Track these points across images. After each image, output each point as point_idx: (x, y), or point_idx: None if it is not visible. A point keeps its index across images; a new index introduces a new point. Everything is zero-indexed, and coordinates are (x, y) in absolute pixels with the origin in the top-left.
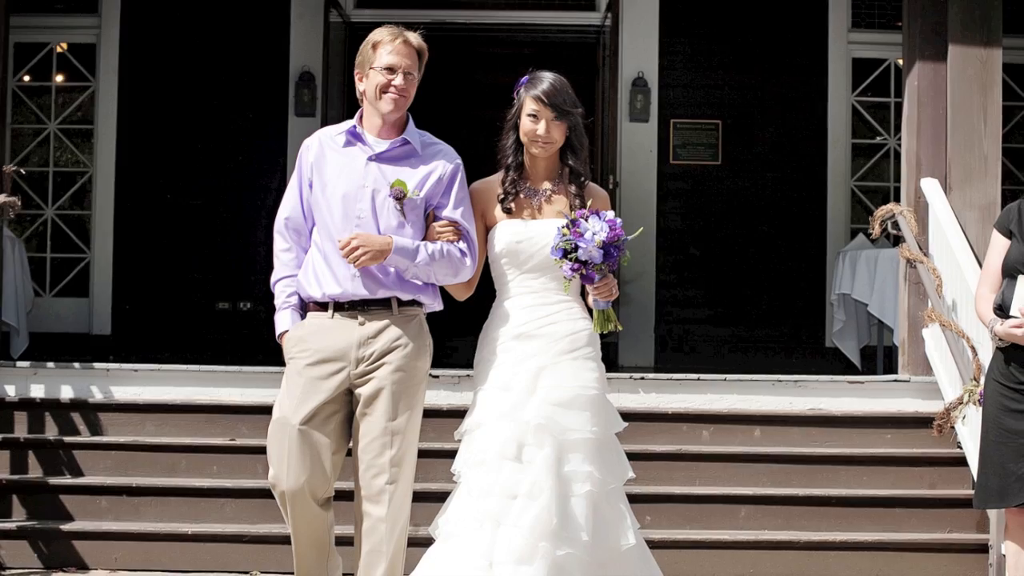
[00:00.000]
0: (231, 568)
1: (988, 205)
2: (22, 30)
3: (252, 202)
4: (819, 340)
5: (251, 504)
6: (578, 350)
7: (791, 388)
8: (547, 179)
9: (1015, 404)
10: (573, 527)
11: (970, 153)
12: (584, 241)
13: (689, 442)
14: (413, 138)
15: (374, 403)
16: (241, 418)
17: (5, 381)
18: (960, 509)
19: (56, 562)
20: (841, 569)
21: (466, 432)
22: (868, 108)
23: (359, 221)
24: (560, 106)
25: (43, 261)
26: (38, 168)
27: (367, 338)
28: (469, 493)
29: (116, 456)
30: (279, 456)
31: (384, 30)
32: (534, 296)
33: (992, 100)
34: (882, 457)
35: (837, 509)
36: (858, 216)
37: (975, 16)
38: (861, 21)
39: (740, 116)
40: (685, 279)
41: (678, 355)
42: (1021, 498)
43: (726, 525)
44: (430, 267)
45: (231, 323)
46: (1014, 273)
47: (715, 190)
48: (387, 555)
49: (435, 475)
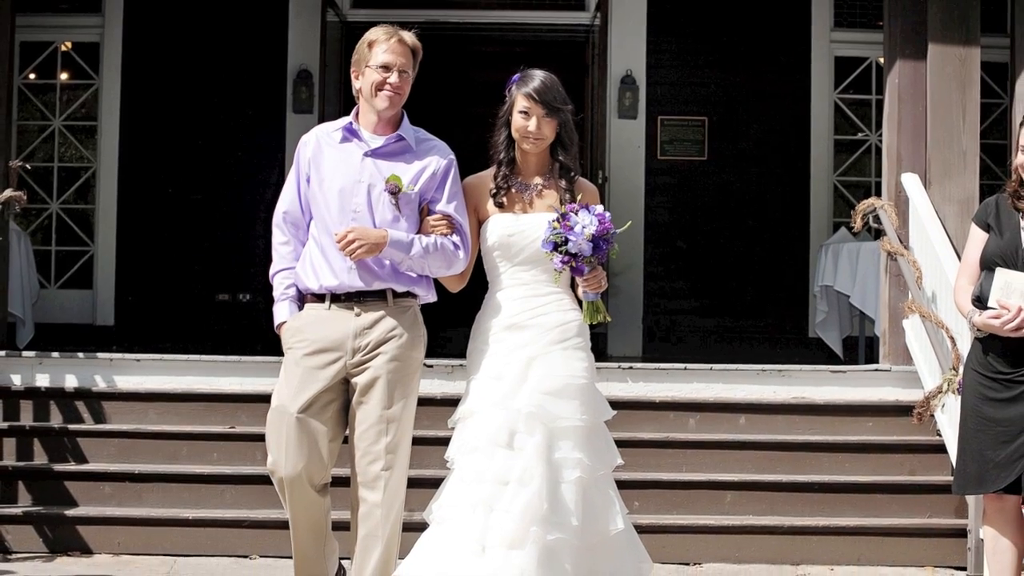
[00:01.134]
0: (231, 552)
1: (967, 199)
2: (28, 29)
3: (251, 196)
4: (802, 331)
5: (250, 490)
6: (568, 340)
7: (775, 377)
8: (538, 174)
9: (993, 393)
10: (563, 512)
11: (949, 149)
12: (574, 234)
13: (676, 430)
14: (408, 134)
15: (370, 392)
16: (240, 406)
17: (11, 370)
18: (939, 495)
19: (61, 546)
20: (823, 553)
21: (459, 420)
22: (850, 105)
23: (355, 215)
24: (551, 103)
25: (48, 254)
26: (43, 163)
27: (363, 329)
28: (462, 479)
29: (119, 443)
30: (277, 443)
31: (380, 29)
32: (525, 288)
33: (970, 97)
34: (863, 444)
35: (820, 495)
36: (840, 210)
37: (954, 16)
38: (843, 21)
39: (725, 113)
40: (672, 271)
41: (665, 345)
42: (999, 484)
43: (712, 510)
44: (424, 260)
45: (231, 314)
46: (992, 265)
47: (701, 185)
48: (383, 539)
49: (429, 462)
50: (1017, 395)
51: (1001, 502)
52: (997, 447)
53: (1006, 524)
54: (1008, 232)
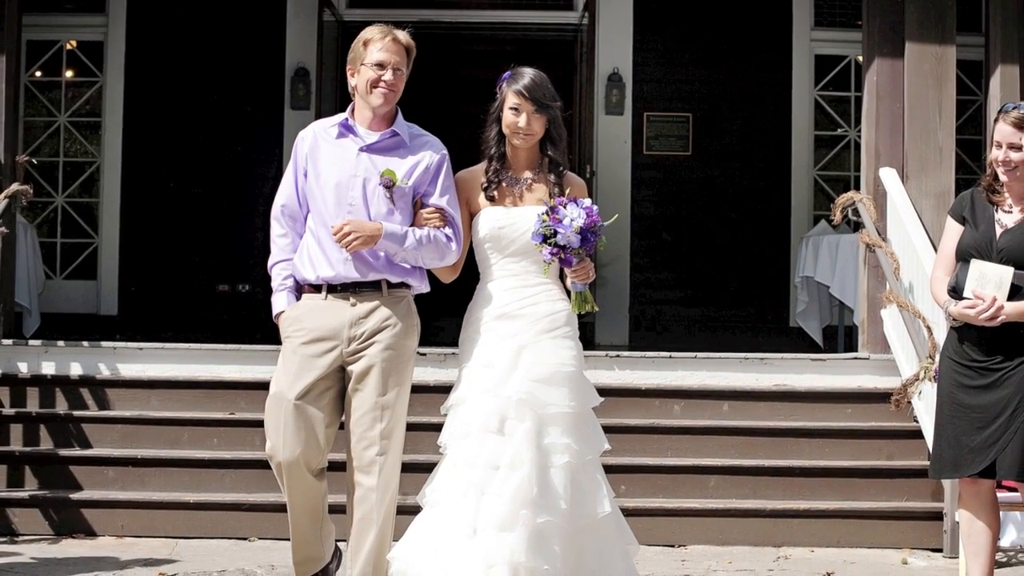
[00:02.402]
0: (230, 534)
1: (943, 193)
2: (34, 28)
3: (250, 190)
4: (784, 320)
5: (249, 474)
6: (557, 329)
7: (757, 365)
8: (528, 168)
9: (968, 380)
10: (552, 496)
11: (926, 144)
12: (563, 227)
13: (661, 416)
14: (402, 130)
15: (365, 379)
16: (240, 393)
17: (18, 359)
18: (916, 479)
19: (66, 529)
20: (804, 535)
21: (451, 406)
22: (830, 102)
23: (351, 208)
24: (540, 100)
25: (54, 246)
26: (49, 158)
27: (358, 318)
28: (455, 464)
29: (122, 429)
30: (276, 429)
31: (374, 28)
32: (515, 279)
33: (947, 95)
34: (843, 430)
35: (801, 479)
36: (820, 203)
37: (931, 15)
38: (823, 20)
39: (709, 109)
40: (658, 263)
41: (651, 334)
42: (974, 469)
43: (696, 494)
44: (418, 251)
45: (231, 304)
46: (967, 257)
47: (686, 179)
48: (377, 522)
49: (422, 447)
50: (991, 382)
51: (976, 486)
52: (972, 433)
53: (981, 507)
54: (983, 225)
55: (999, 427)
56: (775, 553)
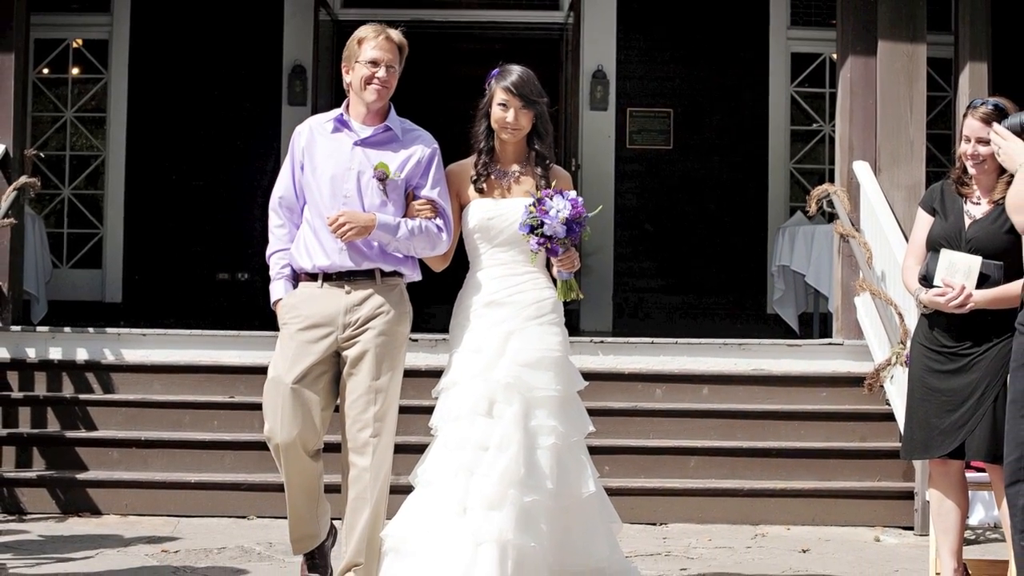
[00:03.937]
0: (230, 513)
1: (914, 185)
2: (41, 27)
3: (249, 182)
4: (761, 307)
5: (248, 455)
6: (543, 316)
7: (736, 351)
8: (515, 162)
9: (938, 365)
10: (539, 476)
11: (898, 139)
12: (549, 218)
13: (644, 399)
14: (394, 125)
15: (359, 364)
16: (239, 378)
17: (26, 344)
18: (888, 460)
19: (72, 508)
20: (780, 514)
21: (442, 390)
22: (805, 98)
23: (346, 200)
24: (527, 96)
25: (60, 236)
26: (56, 152)
27: (353, 305)
28: (445, 445)
29: (126, 412)
30: (273, 412)
31: (368, 27)
32: (503, 268)
33: (918, 91)
34: (818, 413)
35: (777, 460)
36: (796, 195)
37: (902, 14)
38: (799, 19)
39: (690, 105)
40: (640, 252)
41: (634, 321)
42: (944, 450)
43: (677, 474)
44: (410, 241)
45: (230, 292)
46: (937, 247)
47: (667, 172)
48: (371, 501)
49: (414, 429)
50: (960, 367)
51: (946, 467)
52: (942, 415)
53: (950, 487)
54: (952, 216)
55: (968, 410)
56: (753, 531)
